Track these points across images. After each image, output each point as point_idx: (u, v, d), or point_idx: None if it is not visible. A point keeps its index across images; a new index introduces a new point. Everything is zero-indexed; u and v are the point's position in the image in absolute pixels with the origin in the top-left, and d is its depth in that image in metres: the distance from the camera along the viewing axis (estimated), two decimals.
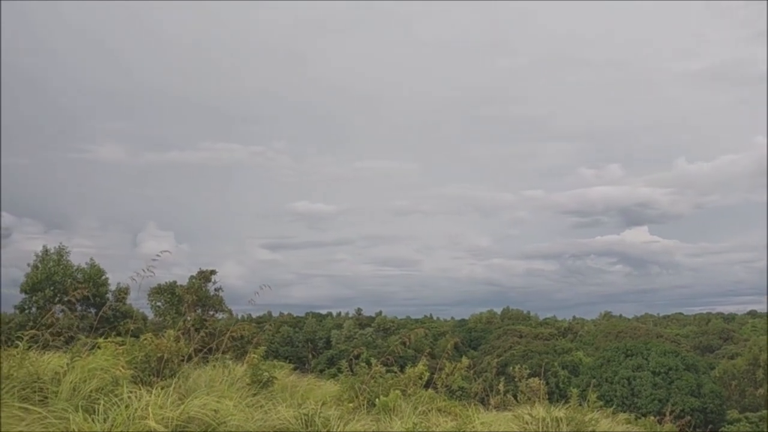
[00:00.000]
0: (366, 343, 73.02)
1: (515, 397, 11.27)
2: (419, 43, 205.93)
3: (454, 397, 10.22)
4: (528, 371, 12.53)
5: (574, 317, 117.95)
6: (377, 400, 7.85)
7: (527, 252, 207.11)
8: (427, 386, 9.43)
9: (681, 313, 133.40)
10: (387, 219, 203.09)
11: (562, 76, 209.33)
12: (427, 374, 9.51)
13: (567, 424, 7.87)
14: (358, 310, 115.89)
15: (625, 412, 10.65)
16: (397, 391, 8.05)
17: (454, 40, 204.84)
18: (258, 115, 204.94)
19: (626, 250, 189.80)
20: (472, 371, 12.79)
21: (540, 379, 11.54)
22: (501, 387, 11.57)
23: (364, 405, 7.89)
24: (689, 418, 16.89)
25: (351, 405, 7.66)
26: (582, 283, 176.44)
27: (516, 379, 12.04)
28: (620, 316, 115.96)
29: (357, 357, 10.06)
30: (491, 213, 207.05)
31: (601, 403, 8.74)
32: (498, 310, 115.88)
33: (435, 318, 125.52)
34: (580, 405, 8.43)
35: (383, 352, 9.94)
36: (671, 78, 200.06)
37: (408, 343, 10.50)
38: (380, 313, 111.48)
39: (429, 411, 8.20)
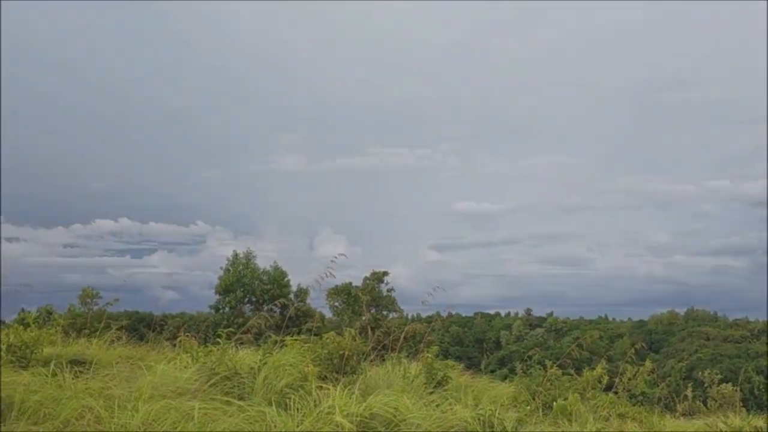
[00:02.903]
0: (537, 344, 71.43)
1: (705, 403, 10.52)
2: (586, 31, 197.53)
3: (636, 402, 9.75)
4: (719, 376, 11.62)
5: None
6: (555, 403, 7.69)
7: (713, 248, 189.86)
8: (606, 390, 9.08)
9: None
10: (556, 216, 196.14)
11: (744, 55, 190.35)
12: (606, 378, 9.14)
13: None
14: (528, 311, 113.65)
15: None
16: (576, 395, 7.83)
17: (621, 26, 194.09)
18: (424, 118, 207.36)
19: None
20: (654, 375, 12.11)
21: (733, 385, 10.69)
22: (689, 393, 10.84)
23: (540, 408, 7.76)
24: None
25: (528, 407, 7.57)
26: None
27: (705, 385, 11.22)
28: None
29: (530, 358, 9.91)
30: (671, 207, 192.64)
31: None
32: (680, 311, 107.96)
33: (610, 319, 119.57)
34: None
35: (555, 353, 9.70)
36: None
37: (584, 345, 10.18)
38: (551, 313, 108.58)
39: (610, 416, 7.89)
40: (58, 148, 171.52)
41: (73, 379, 6.59)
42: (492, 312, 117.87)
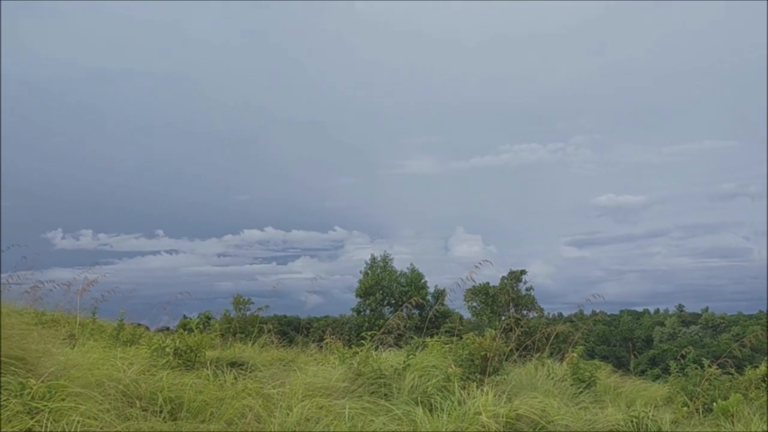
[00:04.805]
0: (692, 342, 67.32)
1: None
2: (728, 6, 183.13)
3: None
4: None
5: None
6: (714, 404, 7.23)
7: None
8: None
9: None
10: (707, 205, 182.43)
11: None
12: None
13: None
14: (679, 307, 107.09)
15: None
16: (739, 395, 7.31)
17: None
18: (555, 113, 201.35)
19: None
20: None
21: None
22: None
23: (699, 409, 7.33)
24: None
25: (685, 409, 7.17)
26: None
27: None
28: None
29: (683, 357, 9.40)
30: None
31: None
32: None
33: None
34: None
35: (712, 351, 9.11)
36: None
37: (745, 343, 9.49)
38: (706, 309, 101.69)
39: None
40: (208, 166, 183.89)
41: (233, 380, 7.07)
42: (639, 309, 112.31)
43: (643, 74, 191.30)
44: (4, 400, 4.95)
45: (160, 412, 5.83)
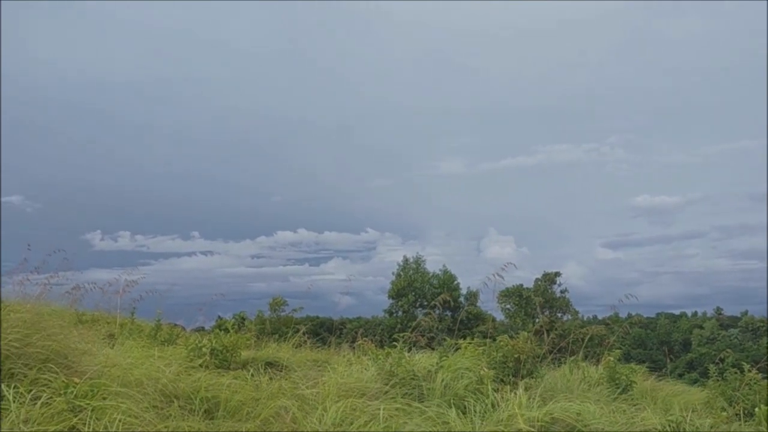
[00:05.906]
0: (731, 346, 65.99)
1: None
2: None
3: None
4: None
5: None
6: (756, 409, 7.08)
7: None
8: None
9: None
10: (746, 206, 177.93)
11: None
12: None
13: None
14: (718, 309, 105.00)
15: None
16: None
17: None
18: (589, 111, 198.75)
19: None
20: None
21: None
22: None
23: (741, 415, 7.18)
24: None
25: (724, 414, 7.04)
26: None
27: None
28: None
29: (722, 360, 9.24)
30: None
31: None
32: None
33: None
34: None
35: (752, 355, 8.93)
36: None
37: None
38: (746, 312, 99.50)
39: None
40: (242, 170, 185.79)
41: (268, 380, 7.15)
42: (676, 312, 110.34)
43: (679, 73, 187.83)
44: (49, 398, 5.08)
45: (198, 411, 5.93)
